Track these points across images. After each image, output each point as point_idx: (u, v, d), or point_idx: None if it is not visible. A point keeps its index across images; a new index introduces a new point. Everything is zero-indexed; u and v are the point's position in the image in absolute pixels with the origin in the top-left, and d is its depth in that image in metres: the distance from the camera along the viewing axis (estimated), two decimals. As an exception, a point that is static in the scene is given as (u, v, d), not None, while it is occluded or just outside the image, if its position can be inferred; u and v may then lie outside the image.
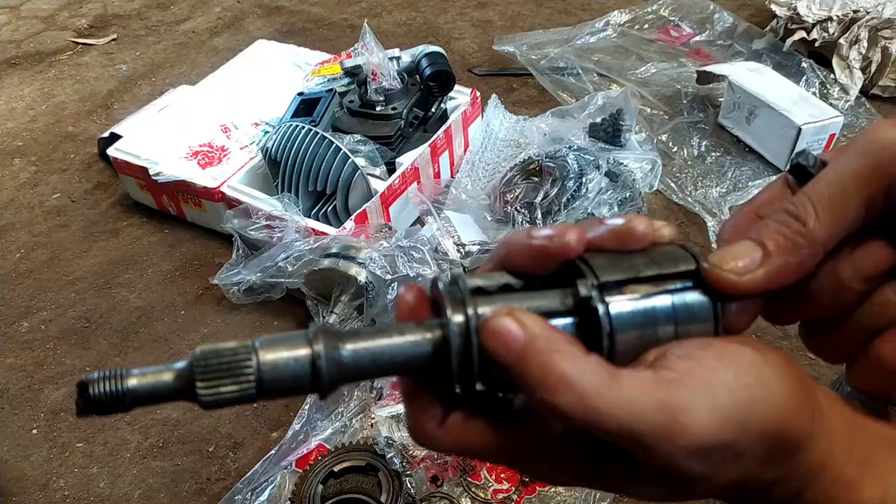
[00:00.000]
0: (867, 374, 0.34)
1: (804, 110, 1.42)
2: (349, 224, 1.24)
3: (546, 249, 0.31)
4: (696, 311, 0.31)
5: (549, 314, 0.30)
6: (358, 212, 1.26)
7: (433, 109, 1.48)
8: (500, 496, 0.96)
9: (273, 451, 1.03)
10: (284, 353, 0.28)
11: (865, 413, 0.34)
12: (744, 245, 0.33)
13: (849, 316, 0.34)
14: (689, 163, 1.52)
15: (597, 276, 0.30)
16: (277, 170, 1.32)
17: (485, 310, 0.29)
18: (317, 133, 1.28)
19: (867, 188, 0.31)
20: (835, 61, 1.65)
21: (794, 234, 0.32)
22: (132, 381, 0.28)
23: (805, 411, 0.30)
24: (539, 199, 1.30)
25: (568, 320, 0.31)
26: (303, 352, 0.28)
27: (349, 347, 0.29)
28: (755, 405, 0.28)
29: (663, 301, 0.30)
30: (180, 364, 0.28)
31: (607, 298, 0.30)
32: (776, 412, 0.29)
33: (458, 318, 0.29)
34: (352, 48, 1.45)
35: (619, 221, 0.32)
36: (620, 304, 0.30)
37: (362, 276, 1.13)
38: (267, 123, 1.53)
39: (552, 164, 1.32)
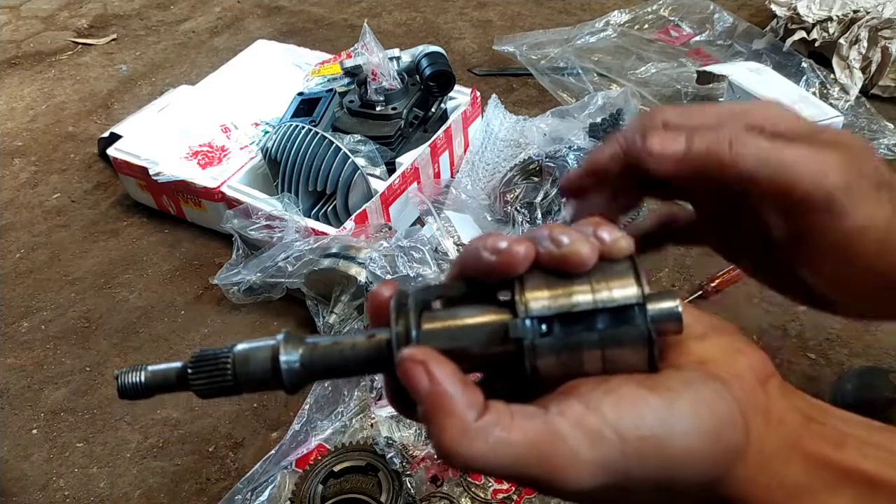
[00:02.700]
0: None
1: (804, 110, 1.42)
2: (349, 224, 1.24)
3: (491, 268, 0.32)
4: (627, 347, 0.31)
5: (485, 342, 0.33)
6: (358, 212, 1.26)
7: (433, 109, 1.48)
8: (500, 496, 0.96)
9: (273, 451, 1.03)
10: (253, 356, 0.35)
11: (839, 431, 0.32)
12: None
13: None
14: (689, 163, 1.51)
15: (528, 309, 0.32)
16: (277, 170, 1.32)
17: (428, 325, 0.33)
18: (317, 133, 1.28)
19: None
20: (835, 61, 1.65)
21: None
22: (146, 376, 0.36)
23: (708, 460, 0.30)
24: (539, 199, 1.30)
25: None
26: (266, 355, 0.35)
27: (303, 353, 0.35)
28: (643, 457, 0.29)
29: (591, 339, 0.31)
30: (180, 364, 0.36)
31: (535, 339, 0.31)
32: (668, 464, 0.29)
33: (399, 329, 0.33)
34: (352, 48, 1.45)
35: (563, 240, 0.32)
36: (545, 344, 0.31)
37: (362, 276, 1.13)
38: (267, 123, 1.53)
39: (552, 164, 1.32)
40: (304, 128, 1.29)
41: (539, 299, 0.32)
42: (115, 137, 1.54)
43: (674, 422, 0.29)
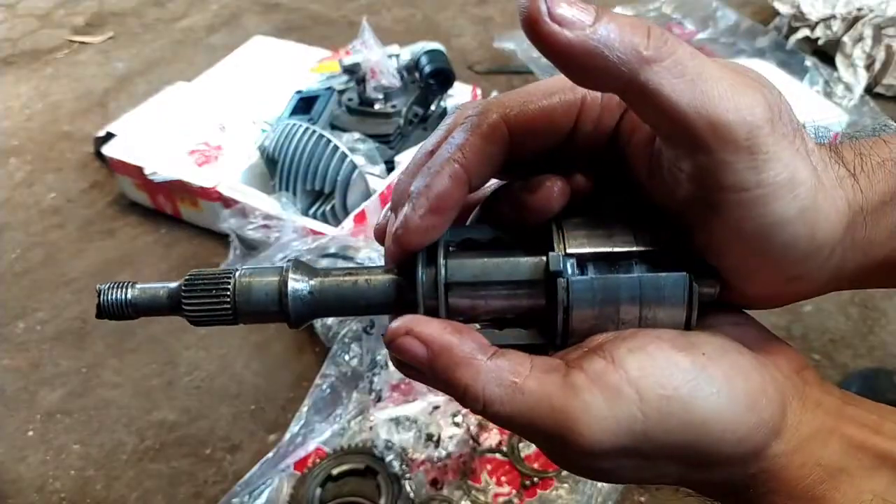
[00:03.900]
0: None
1: (808, 108, 1.41)
2: (348, 223, 1.23)
3: (524, 206, 0.31)
4: (665, 297, 0.30)
5: (515, 283, 0.31)
6: (356, 211, 1.25)
7: (433, 107, 1.47)
8: (501, 500, 0.95)
9: (270, 454, 1.02)
10: (256, 280, 0.31)
11: (866, 423, 0.32)
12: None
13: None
14: (692, 161, 1.50)
15: (566, 246, 0.30)
16: (275, 168, 1.30)
17: (454, 262, 0.31)
18: (314, 131, 1.26)
19: None
20: (838, 59, 1.64)
21: None
22: (133, 293, 0.32)
23: (741, 428, 0.29)
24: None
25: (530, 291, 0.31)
26: (273, 279, 0.31)
27: (314, 283, 0.32)
28: (665, 417, 0.28)
29: (628, 284, 0.30)
30: (175, 283, 0.32)
31: (572, 276, 0.30)
32: (693, 427, 0.28)
33: (424, 268, 0.31)
34: (350, 45, 1.44)
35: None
36: (583, 283, 0.29)
37: (361, 277, 1.12)
38: (265, 122, 1.51)
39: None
40: (302, 126, 1.28)
41: (578, 237, 0.31)
42: (111, 136, 1.52)
43: (702, 384, 0.28)
